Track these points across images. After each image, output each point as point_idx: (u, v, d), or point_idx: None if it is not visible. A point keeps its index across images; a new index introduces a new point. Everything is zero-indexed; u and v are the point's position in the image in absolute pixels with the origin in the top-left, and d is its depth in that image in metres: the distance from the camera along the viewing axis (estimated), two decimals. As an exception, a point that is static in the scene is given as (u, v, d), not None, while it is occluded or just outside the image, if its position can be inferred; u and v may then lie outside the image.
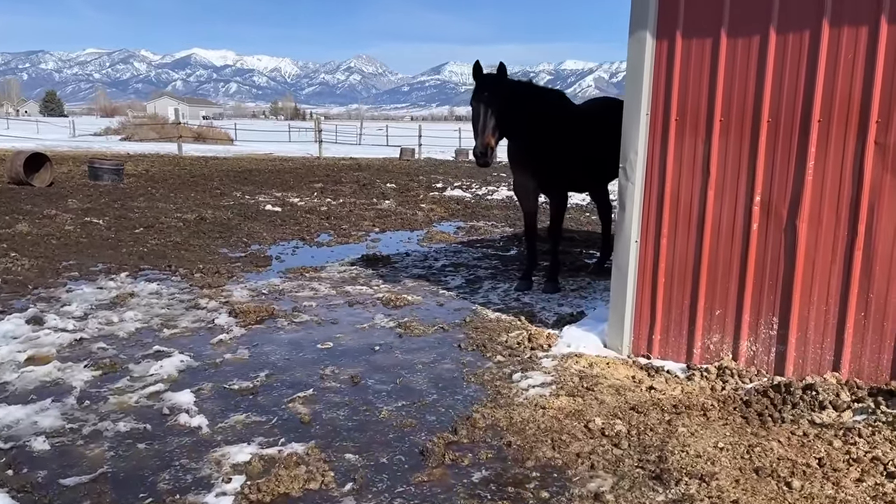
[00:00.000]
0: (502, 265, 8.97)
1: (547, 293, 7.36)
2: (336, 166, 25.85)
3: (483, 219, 13.42)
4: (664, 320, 5.06)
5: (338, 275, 8.31)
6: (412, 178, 21.77)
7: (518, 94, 6.71)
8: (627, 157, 5.04)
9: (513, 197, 16.84)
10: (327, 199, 15.68)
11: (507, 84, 6.63)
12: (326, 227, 11.89)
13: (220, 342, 5.77)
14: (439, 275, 8.36)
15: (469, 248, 10.27)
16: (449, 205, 15.06)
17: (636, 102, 4.95)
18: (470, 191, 18.31)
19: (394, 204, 15.01)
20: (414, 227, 12.18)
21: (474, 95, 6.52)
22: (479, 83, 6.54)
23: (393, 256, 9.43)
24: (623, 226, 5.12)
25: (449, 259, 9.33)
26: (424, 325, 6.25)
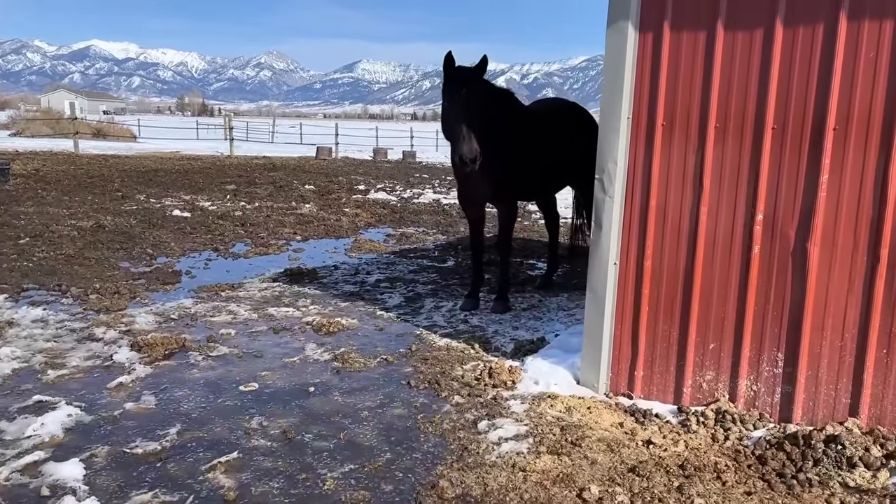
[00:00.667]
0: (442, 279, 8.21)
1: (497, 313, 6.65)
2: (249, 166, 24.46)
3: (413, 225, 12.63)
4: (648, 354, 4.42)
5: (259, 293, 7.34)
6: (332, 178, 20.74)
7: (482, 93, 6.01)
8: (605, 167, 4.37)
9: (440, 201, 16.14)
10: (241, 202, 14.52)
11: (484, 80, 5.96)
12: (242, 236, 10.82)
13: (119, 386, 4.77)
14: (374, 292, 7.52)
15: (403, 258, 9.46)
16: (375, 209, 14.19)
17: (615, 104, 4.28)
18: (395, 193, 17.48)
19: (315, 208, 14.02)
20: (339, 235, 11.26)
21: (452, 92, 5.78)
22: (458, 78, 5.83)
23: (320, 270, 8.52)
24: (599, 245, 4.45)
25: (383, 272, 8.50)
26: (365, 357, 5.42)
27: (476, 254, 6.96)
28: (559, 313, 6.65)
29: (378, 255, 9.65)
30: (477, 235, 6.90)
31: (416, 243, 10.72)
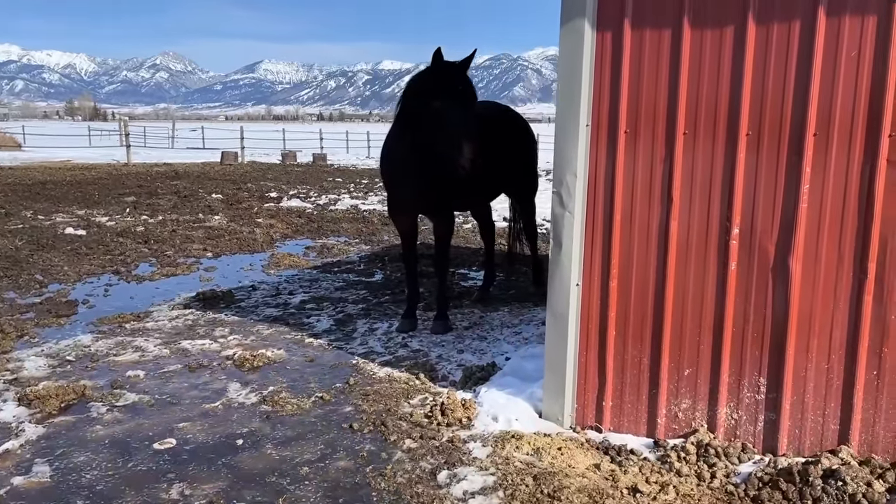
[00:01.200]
0: (372, 296, 7.66)
1: (437, 334, 6.17)
2: (149, 174, 23.03)
3: (333, 235, 11.98)
4: (617, 382, 4.04)
5: (169, 323, 6.59)
6: (240, 186, 19.73)
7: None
8: (563, 179, 3.96)
9: (359, 207, 15.52)
10: (143, 216, 13.46)
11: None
12: (146, 255, 9.90)
13: (5, 454, 4.01)
14: (300, 315, 6.89)
15: (326, 274, 8.84)
16: (290, 219, 13.44)
17: (573, 111, 3.88)
18: (309, 200, 16.71)
19: (225, 220, 13.14)
20: (254, 250, 10.50)
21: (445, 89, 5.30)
22: (451, 74, 5.37)
23: (237, 292, 7.80)
24: (560, 266, 4.03)
25: (307, 291, 7.86)
26: (298, 397, 4.83)
27: (410, 269, 6.46)
28: (504, 331, 6.23)
29: (299, 271, 8.99)
30: (410, 248, 6.41)
31: (339, 255, 10.11)
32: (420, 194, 5.92)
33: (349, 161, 34.82)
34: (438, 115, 5.30)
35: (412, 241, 6.41)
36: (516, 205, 7.63)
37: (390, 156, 6.09)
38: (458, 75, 5.36)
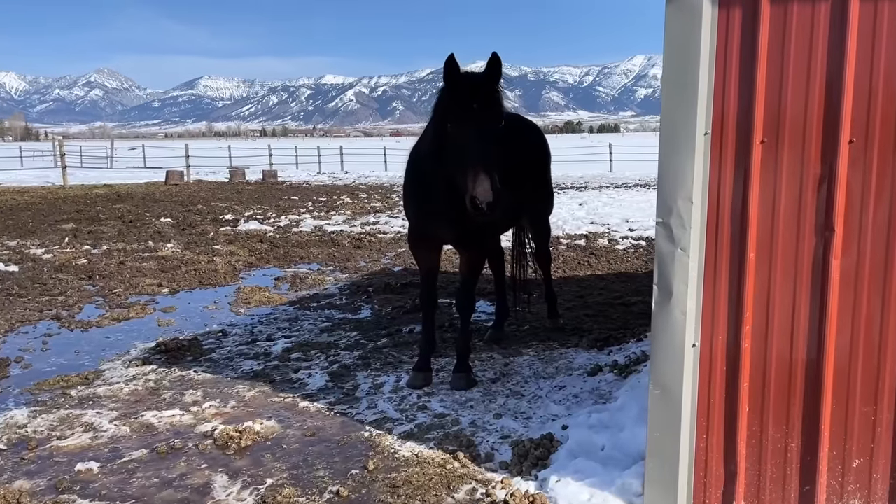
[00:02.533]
0: (366, 338, 6.54)
1: (459, 390, 5.09)
2: (89, 197, 21.35)
3: (303, 262, 10.78)
4: (752, 476, 3.05)
5: (126, 386, 5.36)
6: (190, 208, 18.29)
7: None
8: (671, 206, 2.96)
9: (324, 228, 14.33)
10: (85, 245, 12.01)
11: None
12: (91, 293, 8.57)
13: None
14: (286, 369, 5.73)
15: (305, 311, 7.67)
16: (251, 244, 12.17)
17: (685, 115, 2.89)
18: (269, 222, 15.43)
19: (179, 247, 11.80)
20: (217, 283, 9.24)
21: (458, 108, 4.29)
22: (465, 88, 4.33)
23: (205, 339, 6.59)
24: (669, 320, 3.03)
25: (288, 335, 6.69)
26: (307, 495, 3.71)
27: (428, 313, 5.38)
28: (541, 384, 5.18)
29: (273, 309, 7.80)
30: (431, 288, 5.35)
31: (315, 287, 8.94)
32: (450, 223, 4.86)
33: (300, 177, 33.47)
34: (452, 140, 4.31)
35: (433, 279, 5.36)
36: (528, 225, 6.63)
37: (415, 175, 5.03)
38: (473, 90, 4.32)
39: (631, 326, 6.70)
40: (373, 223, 15.13)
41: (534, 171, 6.11)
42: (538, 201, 6.38)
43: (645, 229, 13.48)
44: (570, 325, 6.84)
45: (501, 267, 6.65)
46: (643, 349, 5.29)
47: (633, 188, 24.30)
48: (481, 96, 4.30)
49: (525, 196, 5.86)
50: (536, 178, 6.20)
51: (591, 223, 14.52)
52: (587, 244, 11.95)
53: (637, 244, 11.93)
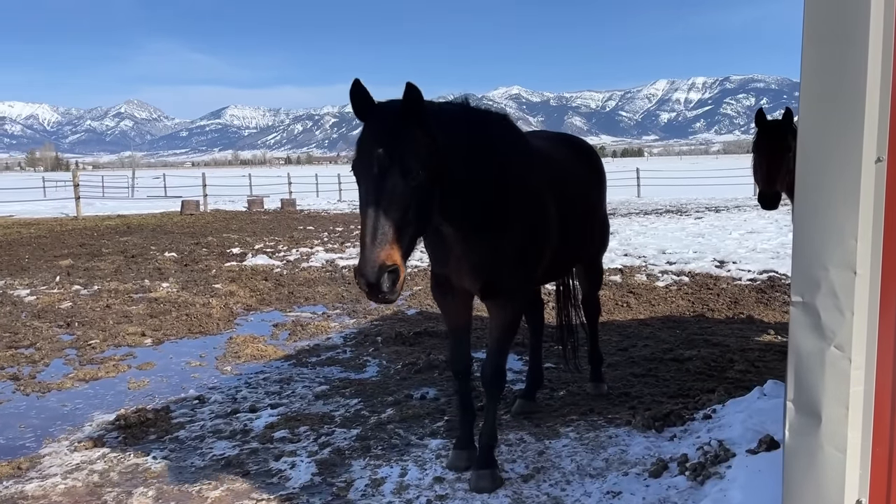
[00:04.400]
0: (368, 408, 5.40)
1: (482, 492, 3.92)
2: (98, 230, 20.58)
3: (307, 302, 9.71)
4: None
5: (63, 483, 4.28)
6: (199, 240, 17.38)
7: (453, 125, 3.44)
8: (818, 278, 1.83)
9: (336, 262, 13.28)
10: (76, 285, 11.06)
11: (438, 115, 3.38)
12: (64, 345, 7.55)
13: None
14: (266, 454, 4.61)
15: (301, 368, 6.57)
16: (254, 283, 11.13)
17: (840, 133, 1.75)
18: (278, 256, 14.42)
19: (175, 287, 10.78)
20: (208, 331, 8.18)
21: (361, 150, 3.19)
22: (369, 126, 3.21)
23: (176, 409, 5.51)
24: (816, 460, 1.88)
25: (275, 403, 5.58)
26: None
27: (463, 382, 4.28)
28: (588, 485, 3.97)
29: (265, 366, 6.71)
30: (462, 349, 4.26)
31: (317, 336, 7.84)
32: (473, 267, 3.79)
33: (320, 206, 32.67)
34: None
35: (464, 337, 4.26)
36: (577, 268, 5.49)
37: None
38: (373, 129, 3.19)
39: (691, 393, 5.49)
40: (389, 256, 14.03)
41: (589, 202, 4.99)
42: (596, 236, 5.25)
43: (685, 262, 12.27)
44: (615, 390, 5.65)
45: (540, 320, 5.49)
46: (717, 437, 4.08)
47: (665, 215, 23.06)
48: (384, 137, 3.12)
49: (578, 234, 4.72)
50: (591, 211, 5.08)
51: (624, 255, 13.32)
52: (623, 280, 10.75)
53: (679, 280, 10.71)
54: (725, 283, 10.38)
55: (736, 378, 5.88)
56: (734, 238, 15.65)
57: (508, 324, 4.04)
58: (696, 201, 29.07)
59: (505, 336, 4.07)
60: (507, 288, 3.91)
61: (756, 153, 5.41)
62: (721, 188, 33.30)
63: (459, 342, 4.25)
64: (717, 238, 15.73)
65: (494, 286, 3.88)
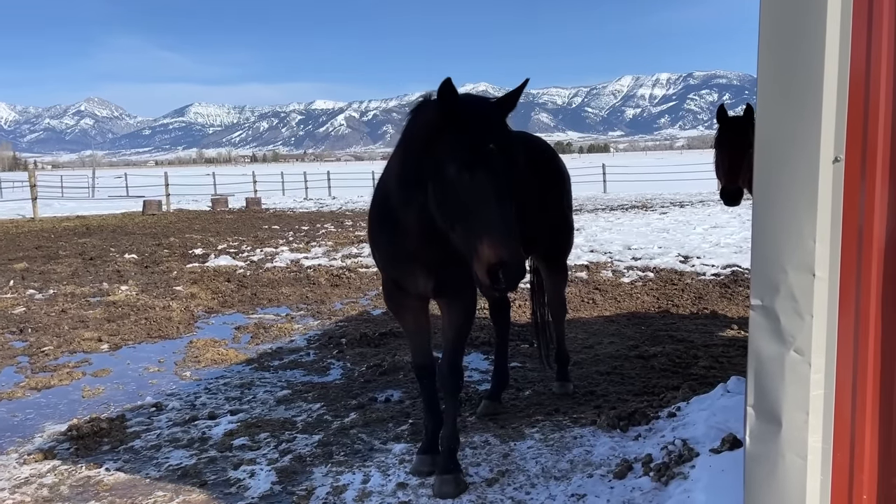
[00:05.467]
0: (331, 413, 5.30)
1: (446, 497, 3.85)
2: (55, 231, 20.08)
3: (271, 304, 9.55)
4: None
5: (10, 498, 4.12)
6: (161, 241, 17.05)
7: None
8: (778, 281, 1.79)
9: (301, 262, 13.11)
10: (30, 290, 10.74)
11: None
12: (15, 352, 7.31)
13: None
14: (224, 462, 4.48)
15: (263, 373, 6.43)
16: (216, 284, 10.92)
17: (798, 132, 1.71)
18: (241, 256, 14.19)
19: (135, 290, 10.53)
20: (167, 335, 7.99)
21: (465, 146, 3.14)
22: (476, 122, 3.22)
23: (132, 417, 5.35)
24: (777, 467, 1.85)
25: (235, 409, 5.45)
26: None
27: (428, 387, 4.24)
28: (553, 488, 3.91)
29: (226, 370, 6.56)
30: (424, 351, 4.21)
31: (280, 339, 7.70)
32: (426, 269, 3.74)
33: (286, 204, 32.36)
34: (451, 190, 3.09)
35: (425, 339, 4.22)
36: (541, 266, 5.46)
37: (382, 213, 3.84)
38: (485, 124, 3.16)
39: (656, 391, 5.49)
40: (355, 255, 13.92)
41: (546, 200, 4.94)
42: (551, 238, 5.20)
43: (650, 258, 12.35)
44: (581, 389, 5.63)
45: (506, 320, 5.44)
46: (681, 436, 4.06)
47: (630, 210, 23.26)
48: (495, 133, 3.14)
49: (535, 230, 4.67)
50: (550, 209, 5.03)
51: (591, 251, 13.36)
52: (589, 277, 10.78)
53: (644, 276, 10.77)
54: (690, 279, 10.46)
55: (700, 374, 5.89)
56: (698, 233, 15.81)
57: (463, 321, 4.01)
58: (661, 196, 29.37)
59: (460, 333, 4.03)
60: (460, 285, 3.85)
61: (718, 149, 5.41)
62: (685, 183, 33.71)
63: (421, 346, 4.19)
64: (682, 233, 15.88)
65: (447, 283, 3.82)
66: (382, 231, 3.87)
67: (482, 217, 2.97)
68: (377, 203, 3.95)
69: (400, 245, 3.76)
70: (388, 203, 3.73)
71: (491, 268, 2.93)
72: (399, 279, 3.96)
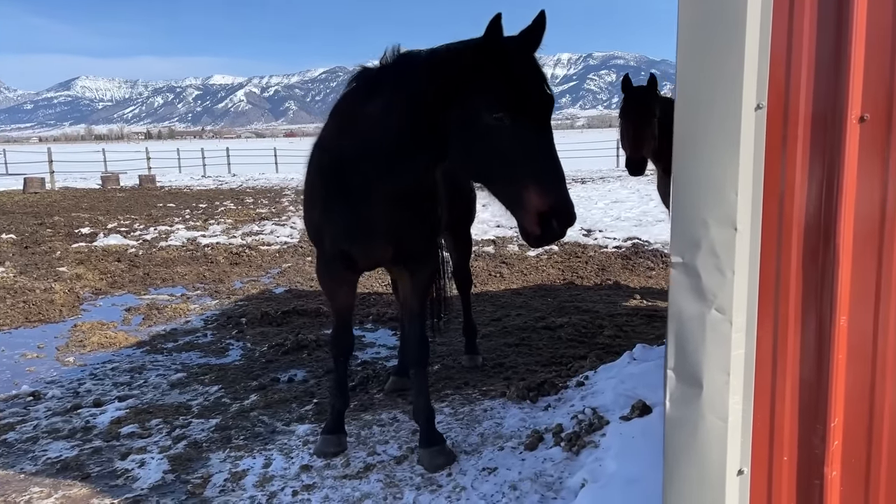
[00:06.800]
0: (230, 395, 5.01)
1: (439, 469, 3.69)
2: (-79, 211, 18.38)
3: (165, 284, 9.03)
4: None
5: None
6: (43, 220, 15.89)
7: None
8: (698, 237, 1.70)
9: (198, 241, 12.50)
10: None
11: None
12: None
13: None
14: (111, 452, 4.14)
15: (156, 355, 6.03)
16: (105, 264, 10.24)
17: (719, 78, 1.62)
18: (133, 235, 13.40)
19: (12, 272, 9.72)
20: (49, 318, 7.40)
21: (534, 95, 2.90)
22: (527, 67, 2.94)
23: (4, 409, 4.88)
24: (698, 430, 1.77)
25: (124, 395, 5.07)
26: None
27: (344, 363, 4.13)
28: (464, 463, 3.78)
29: (115, 354, 6.12)
30: (348, 331, 4.09)
31: (174, 319, 7.27)
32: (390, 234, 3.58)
33: (182, 182, 30.94)
34: (498, 138, 2.81)
35: (350, 318, 4.09)
36: (445, 238, 5.32)
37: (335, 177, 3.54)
38: (535, 65, 2.91)
39: (563, 361, 5.49)
40: (256, 233, 13.41)
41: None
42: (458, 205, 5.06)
43: (555, 232, 12.45)
44: (490, 361, 5.56)
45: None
46: (590, 405, 4.04)
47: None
48: (541, 74, 2.91)
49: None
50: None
51: (497, 226, 13.37)
52: (496, 251, 10.78)
53: (549, 249, 10.83)
54: (593, 251, 10.62)
55: (606, 343, 5.95)
56: (599, 208, 16.15)
57: (427, 286, 3.95)
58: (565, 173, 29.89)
59: (423, 301, 3.97)
60: (426, 248, 3.80)
61: (623, 119, 5.40)
62: (586, 160, 34.45)
63: (347, 323, 4.04)
64: (584, 208, 16.16)
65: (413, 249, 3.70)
66: (337, 201, 3.55)
67: (531, 164, 2.75)
68: (327, 174, 3.59)
69: (361, 214, 3.51)
70: (348, 170, 3.44)
71: (543, 216, 2.72)
72: (353, 251, 3.69)
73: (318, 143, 3.75)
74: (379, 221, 3.50)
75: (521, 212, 2.78)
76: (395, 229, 3.54)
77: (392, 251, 3.65)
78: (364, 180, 3.39)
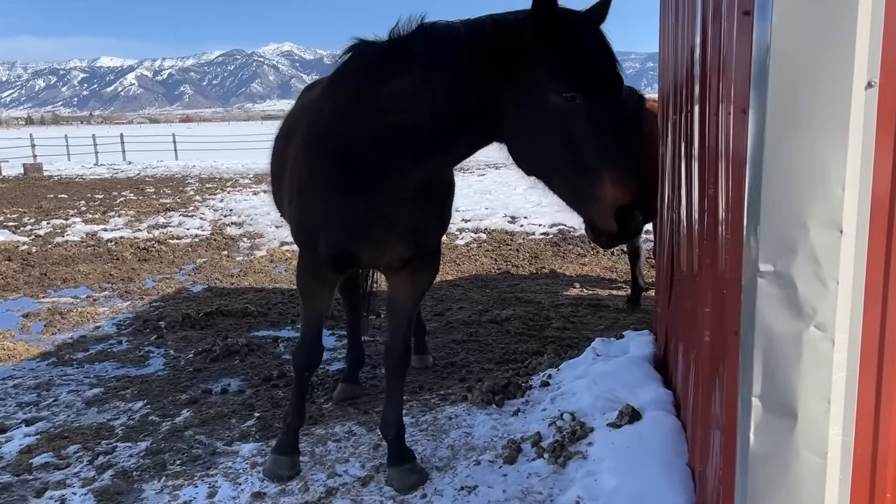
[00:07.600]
0: (158, 412, 4.47)
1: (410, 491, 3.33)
2: None
3: (66, 285, 8.20)
4: None
5: None
6: (-84, 215, 14.33)
7: None
8: (794, 240, 1.40)
9: (100, 235, 11.53)
10: None
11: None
12: None
13: None
14: (22, 488, 3.56)
15: (65, 368, 5.38)
16: (-6, 264, 9.24)
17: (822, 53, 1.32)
18: (23, 230, 12.23)
19: None
20: (-69, 329, 6.53)
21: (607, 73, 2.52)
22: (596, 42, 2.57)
23: None
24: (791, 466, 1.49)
25: (32, 419, 4.43)
26: None
27: (307, 377, 3.73)
28: (437, 478, 3.44)
29: (15, 369, 5.41)
30: (319, 342, 3.63)
31: (82, 325, 6.56)
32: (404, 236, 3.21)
33: (73, 170, 28.92)
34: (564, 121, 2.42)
35: (321, 324, 3.63)
36: None
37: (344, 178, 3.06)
38: (602, 38, 2.53)
39: (517, 357, 5.24)
40: (163, 225, 12.54)
41: None
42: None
43: (479, 219, 12.28)
44: (440, 360, 5.24)
45: (357, 294, 4.87)
46: (566, 409, 3.78)
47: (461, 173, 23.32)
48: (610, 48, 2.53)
49: None
50: None
51: (420, 214, 13.04)
52: (424, 240, 10.43)
53: (478, 237, 10.65)
54: (521, 239, 10.47)
55: (556, 336, 5.75)
56: (519, 193, 16.06)
57: (426, 289, 3.61)
58: (475, 159, 29.84)
59: (417, 305, 3.67)
60: (435, 248, 3.47)
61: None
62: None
63: (319, 335, 3.61)
64: (504, 194, 16.06)
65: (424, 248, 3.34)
66: (348, 195, 3.06)
67: (607, 150, 2.36)
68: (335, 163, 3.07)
69: (381, 208, 3.06)
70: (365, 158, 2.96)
71: (620, 210, 2.33)
72: (363, 251, 3.26)
73: (312, 130, 3.25)
74: (400, 216, 3.10)
75: (592, 205, 2.40)
76: (416, 225, 3.16)
77: (409, 250, 3.25)
78: (385, 169, 2.95)
